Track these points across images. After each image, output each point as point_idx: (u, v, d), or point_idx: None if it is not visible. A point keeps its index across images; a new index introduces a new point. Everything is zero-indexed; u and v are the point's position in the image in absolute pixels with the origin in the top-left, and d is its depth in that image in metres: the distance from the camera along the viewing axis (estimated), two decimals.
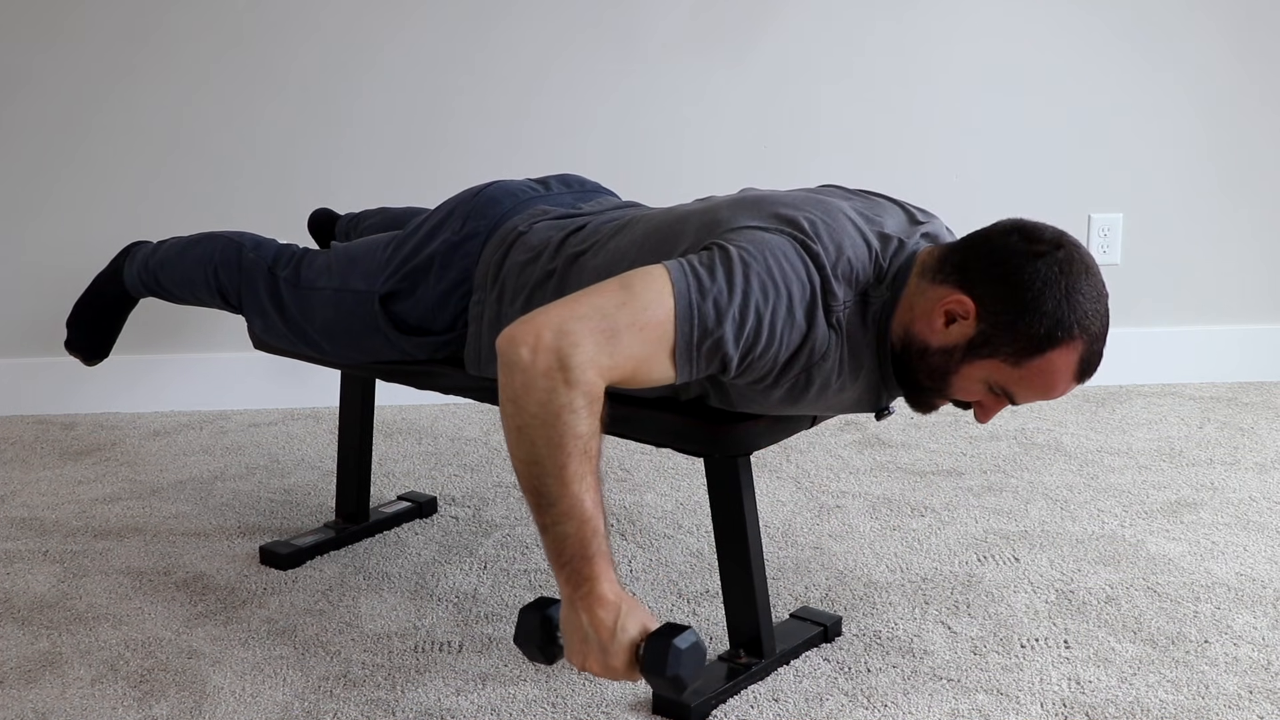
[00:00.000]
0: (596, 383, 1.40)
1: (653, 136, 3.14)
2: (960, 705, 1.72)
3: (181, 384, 3.16)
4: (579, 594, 1.41)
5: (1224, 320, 3.35)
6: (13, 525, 2.39)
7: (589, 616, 1.40)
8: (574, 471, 1.40)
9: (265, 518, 2.42)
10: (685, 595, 2.07)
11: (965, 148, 3.21)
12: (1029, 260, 1.52)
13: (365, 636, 1.94)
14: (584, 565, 1.41)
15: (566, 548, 1.42)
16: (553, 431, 1.39)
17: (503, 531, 2.35)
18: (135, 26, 3.03)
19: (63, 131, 3.07)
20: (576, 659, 1.43)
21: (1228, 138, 3.25)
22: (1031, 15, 3.15)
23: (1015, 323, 1.51)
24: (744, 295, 1.48)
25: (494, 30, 3.08)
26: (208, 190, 3.10)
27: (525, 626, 1.47)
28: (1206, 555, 2.21)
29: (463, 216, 1.92)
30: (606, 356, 1.41)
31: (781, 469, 2.66)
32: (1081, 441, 2.83)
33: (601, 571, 1.41)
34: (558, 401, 1.38)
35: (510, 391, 1.41)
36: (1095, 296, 1.53)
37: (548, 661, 1.48)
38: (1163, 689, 1.76)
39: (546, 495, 1.41)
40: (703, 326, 1.47)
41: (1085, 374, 1.55)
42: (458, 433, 2.95)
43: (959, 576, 2.13)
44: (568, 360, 1.39)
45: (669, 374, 1.48)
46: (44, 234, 3.11)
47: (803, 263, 1.54)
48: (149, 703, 1.75)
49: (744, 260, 1.51)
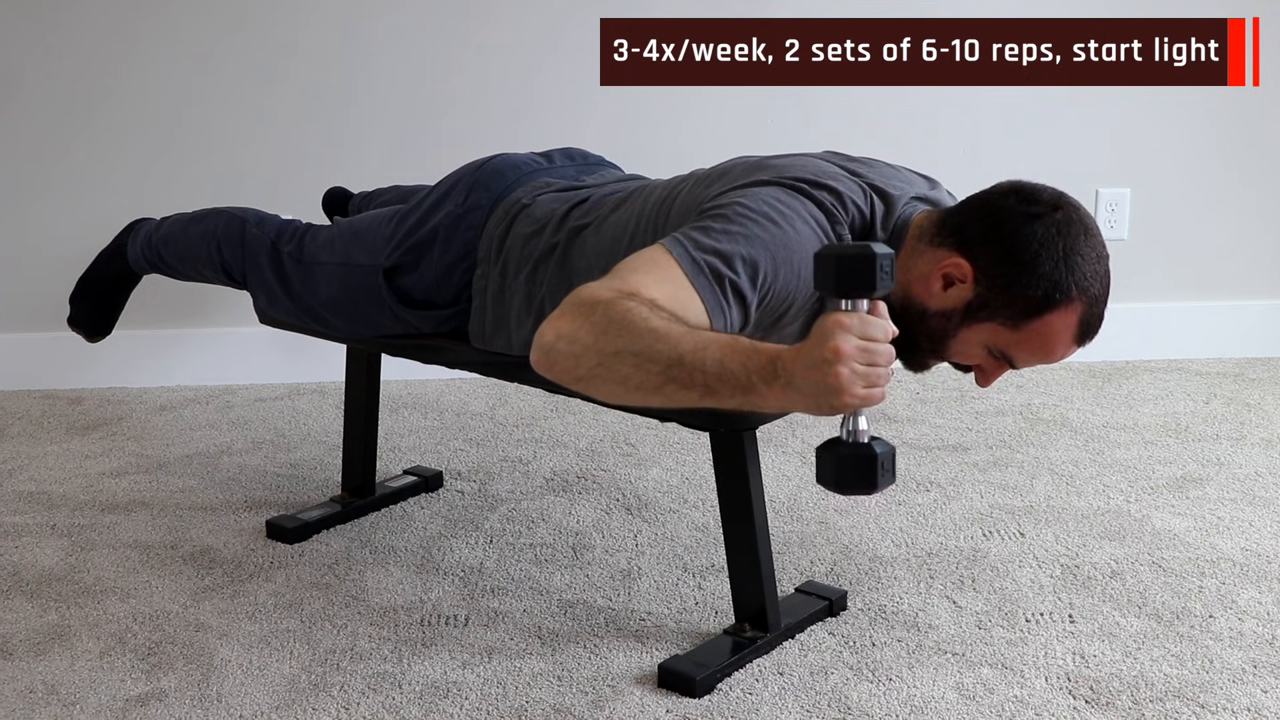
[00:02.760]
0: (639, 293, 1.34)
1: (654, 111, 3.13)
2: (965, 679, 1.73)
3: (188, 359, 3.16)
4: (779, 369, 1.26)
5: (1231, 296, 3.34)
6: (20, 499, 2.40)
7: (806, 363, 1.25)
8: (661, 328, 1.30)
9: (271, 492, 2.43)
10: (690, 569, 2.08)
11: (972, 121, 3.20)
12: (1026, 221, 1.50)
13: (371, 610, 1.94)
14: (755, 357, 1.28)
15: (729, 364, 1.28)
16: (623, 326, 1.30)
17: (508, 506, 2.35)
18: (141, 4, 3.02)
19: (68, 109, 3.06)
20: (851, 398, 1.24)
21: (1236, 113, 3.23)
22: (1042, 4, 3.13)
23: (1012, 285, 1.50)
24: (745, 239, 1.46)
25: (496, 6, 3.07)
26: (212, 169, 3.09)
27: (854, 468, 1.32)
28: (1212, 530, 2.21)
29: (466, 189, 1.92)
30: (635, 287, 1.37)
31: (787, 444, 2.66)
32: (1087, 417, 2.83)
33: (771, 349, 1.28)
34: (612, 314, 1.31)
35: (570, 359, 1.33)
36: (1095, 258, 1.51)
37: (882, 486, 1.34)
38: (1167, 663, 1.76)
39: (670, 359, 1.29)
40: (715, 274, 1.43)
41: (1086, 336, 1.54)
42: (463, 407, 2.95)
43: (964, 551, 2.13)
44: (597, 299, 1.33)
45: (703, 315, 1.41)
46: (50, 210, 3.11)
47: (799, 201, 1.53)
48: (156, 675, 1.76)
49: (739, 212, 1.49)
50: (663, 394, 1.31)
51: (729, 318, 1.44)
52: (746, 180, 1.58)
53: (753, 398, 1.28)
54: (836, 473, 1.32)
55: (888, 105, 3.17)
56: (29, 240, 3.12)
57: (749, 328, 1.51)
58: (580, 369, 1.34)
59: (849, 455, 1.32)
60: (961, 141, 3.19)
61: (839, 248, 1.28)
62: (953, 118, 3.20)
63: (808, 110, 3.17)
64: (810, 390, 1.25)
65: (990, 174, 3.06)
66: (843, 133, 3.15)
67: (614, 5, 3.05)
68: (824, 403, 1.25)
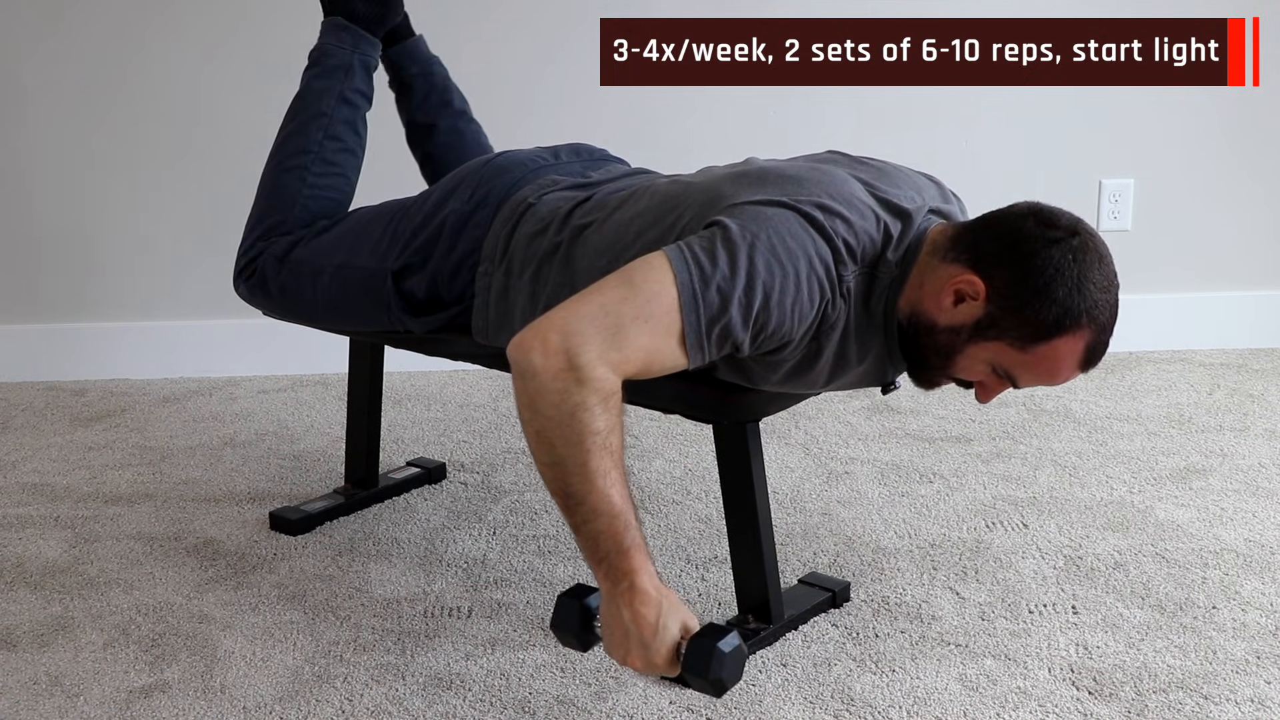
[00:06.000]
0: (608, 378, 1.41)
1: (654, 111, 3.12)
2: (968, 670, 1.73)
3: (191, 350, 3.16)
4: (619, 589, 1.41)
5: (1235, 286, 3.33)
6: (24, 491, 2.40)
7: (630, 612, 1.40)
8: (596, 467, 1.40)
9: (275, 484, 2.43)
10: (694, 561, 2.08)
11: (975, 112, 3.19)
12: (1043, 245, 1.51)
13: (375, 601, 1.95)
14: (621, 560, 1.41)
15: (601, 544, 1.42)
16: (570, 430, 1.39)
17: (511, 497, 2.35)
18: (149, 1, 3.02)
19: (74, 99, 3.06)
20: (618, 653, 1.43)
21: (1239, 103, 3.22)
22: (1041, 3, 3.12)
23: (1024, 307, 1.50)
24: (748, 276, 1.47)
25: (496, 6, 3.06)
26: (220, 163, 3.08)
27: (563, 615, 1.47)
28: (1215, 521, 2.21)
29: (471, 186, 1.91)
30: (615, 351, 1.42)
31: (790, 435, 2.66)
32: (1091, 408, 2.83)
33: (640, 565, 1.41)
34: (572, 400, 1.39)
35: (525, 397, 1.42)
36: (1106, 286, 1.52)
37: (583, 649, 1.49)
38: (1170, 654, 1.76)
39: (573, 494, 1.42)
40: (709, 313, 1.46)
41: (1090, 363, 1.55)
42: (466, 399, 2.95)
43: (967, 542, 2.13)
44: (577, 359, 1.40)
45: (681, 361, 1.48)
46: (54, 201, 3.11)
47: (808, 235, 1.53)
48: (160, 667, 1.76)
49: (747, 239, 1.49)
50: (551, 493, 1.45)
51: (706, 355, 1.49)
52: (762, 196, 1.57)
53: (595, 568, 1.44)
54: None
55: (888, 105, 3.16)
56: (33, 232, 3.12)
57: (739, 354, 1.55)
58: (524, 415, 1.43)
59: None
60: (962, 141, 3.18)
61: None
62: (953, 118, 3.19)
63: (808, 110, 3.16)
64: (622, 626, 1.42)
65: (993, 166, 3.07)
66: (843, 132, 3.13)
67: (614, 5, 3.04)
68: (621, 645, 1.43)
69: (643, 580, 1.41)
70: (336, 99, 2.16)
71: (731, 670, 1.39)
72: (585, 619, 1.46)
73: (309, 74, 2.21)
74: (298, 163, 2.11)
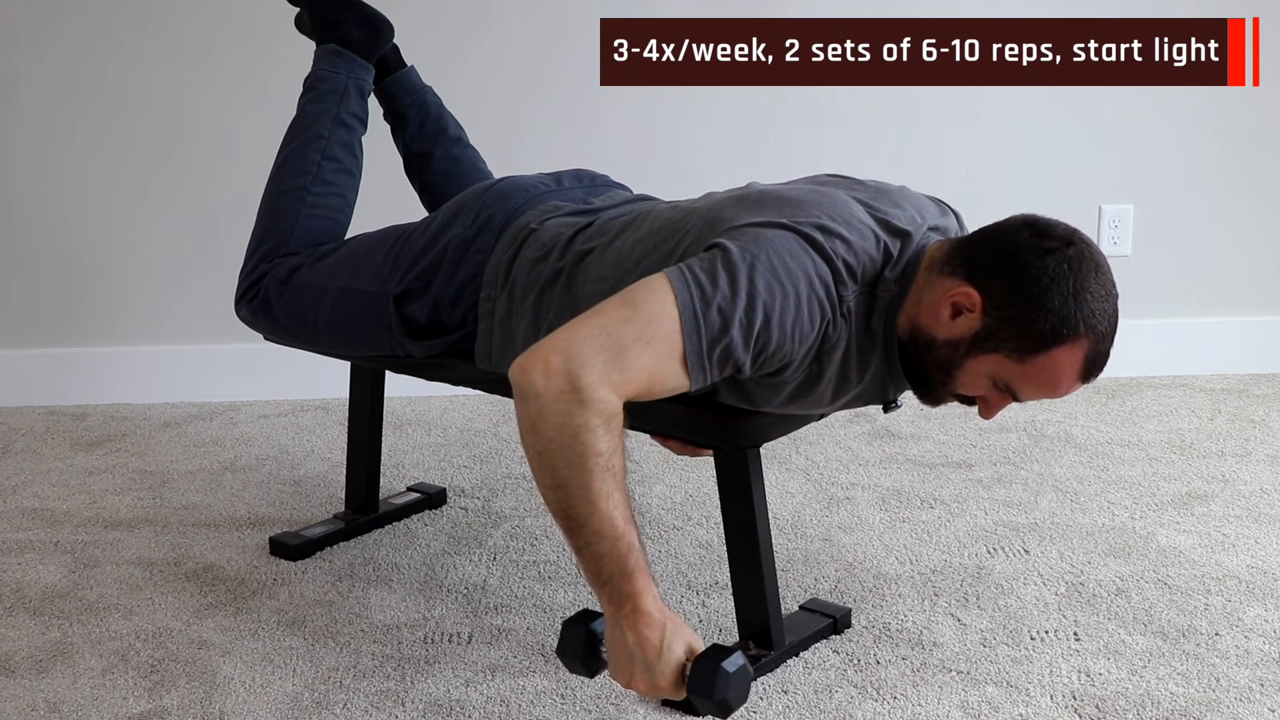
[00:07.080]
0: (610, 400, 1.41)
1: (654, 111, 3.13)
2: (970, 697, 1.72)
3: (192, 375, 3.17)
4: (623, 612, 1.41)
5: (1235, 312, 3.33)
6: (24, 515, 2.40)
7: (635, 635, 1.40)
8: (598, 489, 1.40)
9: (275, 509, 2.43)
10: (694, 587, 2.07)
11: (976, 138, 3.20)
12: (1038, 256, 1.51)
13: (375, 627, 1.94)
14: (624, 582, 1.41)
15: (604, 567, 1.42)
16: (572, 453, 1.40)
17: (512, 523, 2.35)
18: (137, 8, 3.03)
19: (65, 118, 3.06)
20: (622, 677, 1.43)
21: (1239, 128, 3.23)
22: (1042, 4, 3.14)
23: (1020, 317, 1.50)
24: (749, 297, 1.48)
25: (496, 6, 3.07)
26: (213, 185, 3.09)
27: (568, 640, 1.47)
28: (1217, 547, 2.20)
29: (474, 211, 1.91)
30: (617, 373, 1.42)
31: (791, 461, 2.65)
32: (1091, 433, 2.82)
33: (643, 588, 1.41)
34: (574, 422, 1.39)
35: (527, 420, 1.42)
36: (1104, 295, 1.52)
37: (589, 675, 1.49)
38: (1173, 681, 1.76)
39: (575, 517, 1.42)
40: (710, 334, 1.47)
41: (1090, 374, 1.54)
42: (467, 424, 2.95)
43: (968, 568, 2.13)
44: (578, 380, 1.40)
45: (683, 383, 1.49)
46: (55, 225, 3.12)
47: (808, 256, 1.54)
48: (159, 693, 1.75)
49: (747, 260, 1.50)
50: (553, 515, 1.45)
51: (708, 376, 1.49)
52: (761, 218, 1.58)
53: (598, 591, 1.44)
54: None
55: (888, 105, 3.16)
56: (34, 256, 3.13)
57: (741, 375, 1.55)
58: (526, 437, 1.43)
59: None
60: (961, 141, 3.19)
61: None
62: (953, 118, 3.19)
63: (808, 110, 3.16)
64: (626, 649, 1.41)
65: (993, 191, 3.07)
66: (843, 132, 3.15)
67: (614, 5, 3.05)
68: (625, 668, 1.42)
69: (646, 603, 1.41)
70: (333, 122, 2.17)
71: (737, 691, 1.39)
72: (591, 644, 1.46)
73: (304, 99, 2.22)
74: (296, 184, 2.13)
